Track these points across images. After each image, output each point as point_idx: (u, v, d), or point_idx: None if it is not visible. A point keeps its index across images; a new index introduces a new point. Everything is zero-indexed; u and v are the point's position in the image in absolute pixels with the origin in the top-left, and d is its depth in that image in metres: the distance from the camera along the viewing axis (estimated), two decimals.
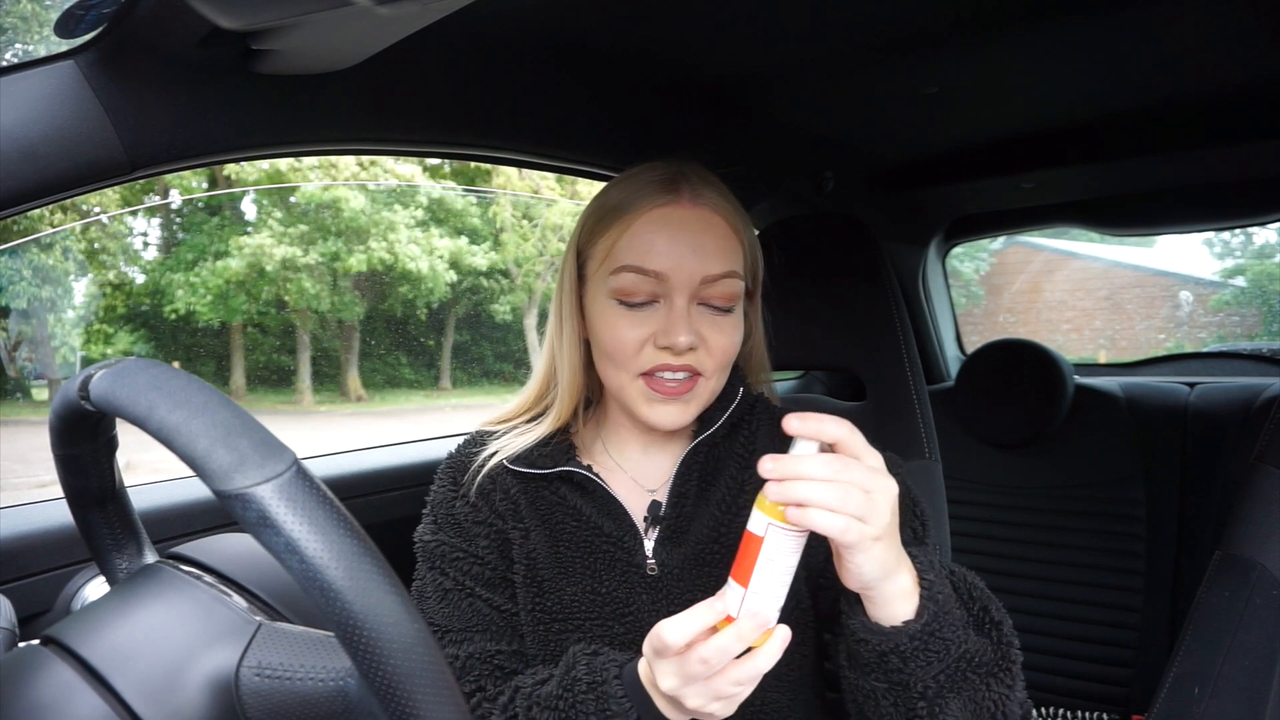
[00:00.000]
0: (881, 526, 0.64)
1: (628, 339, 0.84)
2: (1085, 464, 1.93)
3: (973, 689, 0.71)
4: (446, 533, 0.91)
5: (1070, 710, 1.90)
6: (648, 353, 0.84)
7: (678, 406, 0.86)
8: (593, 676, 0.74)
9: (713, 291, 0.85)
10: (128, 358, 0.49)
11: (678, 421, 0.86)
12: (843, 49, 1.22)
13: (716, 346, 0.85)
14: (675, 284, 0.83)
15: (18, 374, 7.74)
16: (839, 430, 0.65)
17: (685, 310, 0.84)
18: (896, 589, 0.68)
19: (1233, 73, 1.37)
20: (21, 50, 5.81)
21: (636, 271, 0.84)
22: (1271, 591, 0.96)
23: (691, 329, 0.83)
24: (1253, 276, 5.38)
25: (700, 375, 0.85)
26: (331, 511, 0.43)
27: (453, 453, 0.97)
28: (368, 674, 0.42)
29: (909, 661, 0.68)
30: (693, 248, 0.84)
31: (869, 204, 2.05)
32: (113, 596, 0.56)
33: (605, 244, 0.87)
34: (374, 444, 1.54)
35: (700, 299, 0.85)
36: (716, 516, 0.88)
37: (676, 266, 0.83)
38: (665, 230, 0.84)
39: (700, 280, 0.84)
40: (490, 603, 0.88)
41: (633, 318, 0.85)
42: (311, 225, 9.63)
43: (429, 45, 0.83)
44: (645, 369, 0.85)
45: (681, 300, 0.84)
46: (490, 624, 0.88)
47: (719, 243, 0.85)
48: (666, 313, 0.84)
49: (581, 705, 0.73)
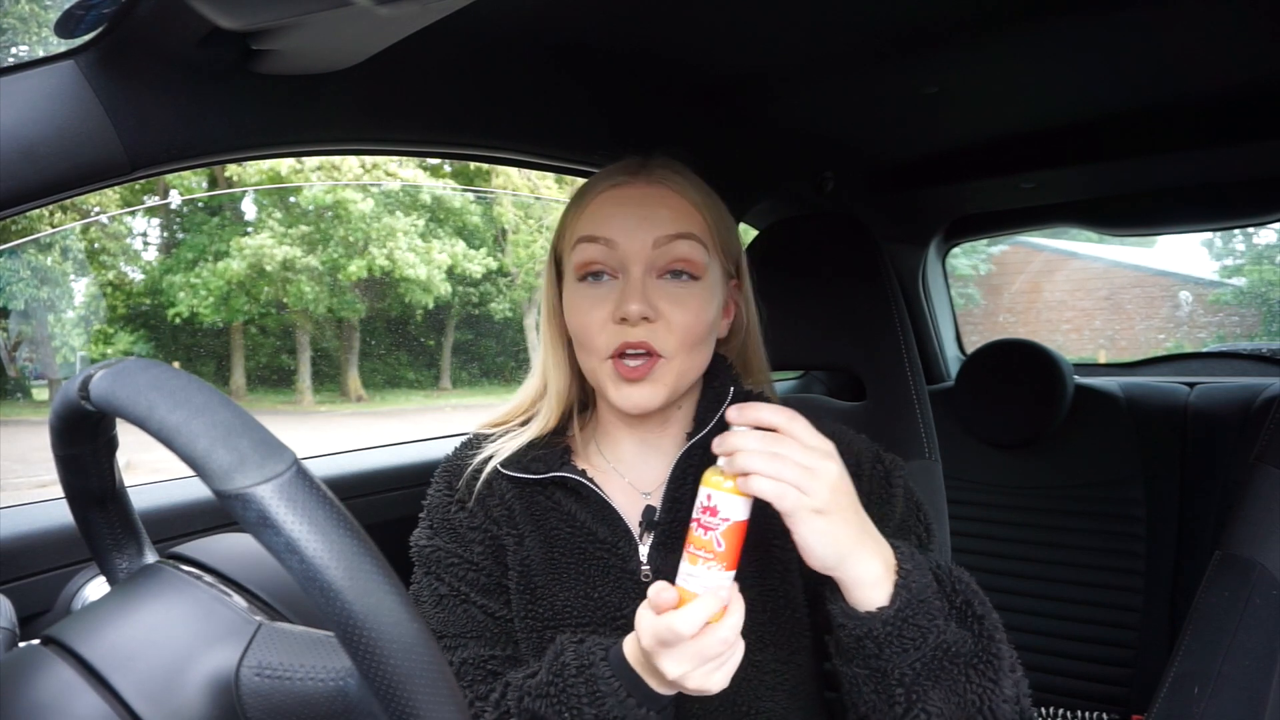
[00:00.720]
0: (821, 500, 0.69)
1: (590, 318, 0.85)
2: (1085, 464, 1.93)
3: (952, 680, 0.72)
4: (442, 538, 0.91)
5: (1070, 710, 1.90)
6: (610, 331, 0.84)
7: (644, 388, 0.85)
8: (580, 661, 0.75)
9: (668, 255, 0.84)
10: (128, 358, 0.49)
11: (645, 403, 0.85)
12: (843, 49, 1.22)
13: (676, 320, 0.84)
14: (628, 252, 0.84)
15: (18, 374, 7.74)
16: (776, 417, 0.72)
17: (639, 280, 0.84)
18: (865, 574, 0.71)
19: (1233, 73, 1.37)
20: (22, 50, 5.81)
21: (589, 240, 0.85)
22: (1271, 591, 0.96)
23: (644, 298, 0.83)
24: (1252, 277, 5.38)
25: (660, 356, 0.84)
26: (331, 511, 0.43)
27: (449, 456, 0.97)
28: (368, 674, 0.42)
29: (884, 647, 0.71)
30: (642, 216, 0.85)
31: (869, 204, 2.05)
32: (113, 596, 0.56)
33: (571, 231, 0.89)
34: (374, 444, 1.54)
35: (659, 269, 0.85)
36: None
37: (628, 235, 0.84)
38: (617, 202, 0.86)
39: (652, 245, 0.84)
40: (485, 609, 0.89)
41: (593, 296, 0.85)
42: (312, 226, 9.63)
43: (429, 45, 0.83)
44: (611, 350, 0.84)
45: (637, 270, 0.84)
46: (485, 630, 0.88)
47: (671, 212, 0.86)
48: (623, 285, 0.85)
49: (572, 689, 0.74)
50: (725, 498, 0.71)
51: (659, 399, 0.86)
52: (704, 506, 0.71)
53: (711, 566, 0.70)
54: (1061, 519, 1.94)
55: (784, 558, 0.87)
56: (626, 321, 0.83)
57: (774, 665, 0.85)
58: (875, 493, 0.88)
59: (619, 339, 0.84)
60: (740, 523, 0.71)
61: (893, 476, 0.90)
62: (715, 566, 0.70)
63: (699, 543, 0.71)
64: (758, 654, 0.84)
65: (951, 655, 0.72)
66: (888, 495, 0.88)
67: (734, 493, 0.70)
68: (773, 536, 0.87)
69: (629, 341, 0.83)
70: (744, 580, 0.86)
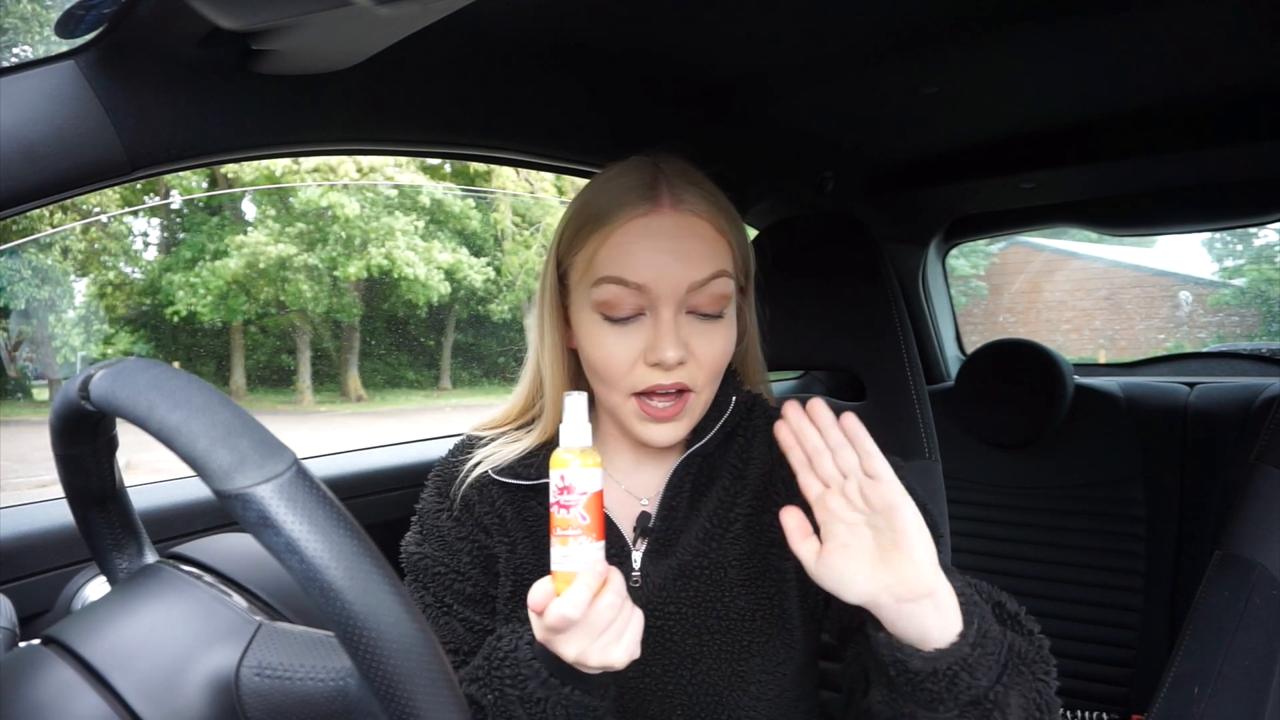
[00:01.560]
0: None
1: (616, 357, 0.81)
2: (1085, 464, 1.93)
3: (1024, 683, 0.69)
4: (430, 545, 0.90)
5: (1070, 710, 1.90)
6: (639, 372, 0.81)
7: (673, 426, 0.83)
8: (509, 645, 0.75)
9: (701, 297, 0.81)
10: (128, 358, 0.49)
11: (672, 438, 0.84)
12: (843, 49, 1.22)
13: (706, 357, 0.82)
14: (659, 295, 0.79)
15: (18, 374, 7.74)
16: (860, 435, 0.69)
17: (672, 323, 0.80)
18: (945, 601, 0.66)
19: (1233, 73, 1.36)
20: (22, 50, 5.81)
21: (617, 283, 0.79)
22: (1271, 591, 0.95)
23: (680, 343, 0.79)
24: (1252, 277, 5.38)
25: (691, 392, 0.82)
26: (331, 511, 0.43)
27: (442, 459, 0.95)
28: (368, 674, 0.42)
29: (974, 671, 0.65)
30: (675, 256, 0.79)
31: (869, 204, 2.05)
32: (113, 596, 0.56)
33: (585, 255, 0.83)
34: (374, 444, 1.54)
35: (689, 307, 0.81)
36: (706, 529, 0.87)
37: (659, 277, 0.79)
38: (645, 239, 0.80)
39: (686, 289, 0.80)
40: (466, 621, 0.88)
41: (619, 334, 0.81)
42: (311, 225, 9.63)
43: (429, 45, 0.83)
44: (638, 389, 0.81)
45: (668, 312, 0.80)
46: (463, 644, 0.88)
47: (704, 246, 0.81)
48: (654, 326, 0.80)
49: (498, 672, 0.74)
50: (578, 473, 0.70)
51: (684, 432, 0.85)
52: (559, 488, 0.70)
53: (582, 541, 0.70)
54: (1061, 519, 1.94)
55: (780, 566, 0.86)
56: (660, 366, 0.80)
57: (759, 675, 0.84)
58: None
59: (650, 381, 0.81)
60: (598, 492, 0.71)
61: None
62: (585, 540, 0.70)
63: (565, 522, 0.70)
64: (742, 663, 0.83)
65: (1022, 658, 0.70)
66: None
67: (585, 465, 0.70)
68: (769, 545, 0.86)
69: (663, 385, 0.80)
70: (734, 589, 0.85)
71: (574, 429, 0.72)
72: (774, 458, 0.88)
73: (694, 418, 0.85)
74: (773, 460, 0.89)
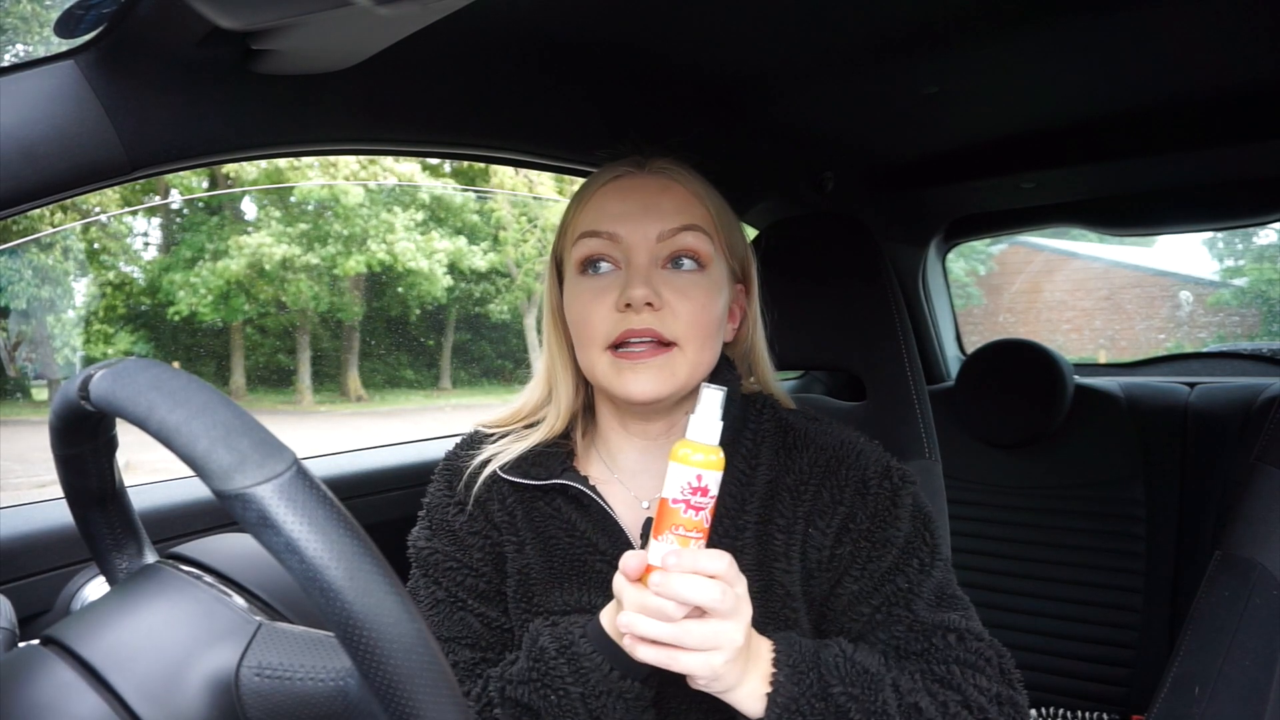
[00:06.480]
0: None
1: (591, 309, 0.83)
2: (1085, 464, 1.93)
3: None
4: (441, 540, 0.90)
5: (1070, 710, 1.90)
6: (612, 319, 0.82)
7: (650, 374, 0.81)
8: (559, 642, 0.75)
9: (673, 245, 0.83)
10: (128, 358, 0.49)
11: (653, 391, 0.81)
12: (843, 49, 1.22)
13: (683, 309, 0.82)
14: (632, 244, 0.83)
15: (18, 374, 7.74)
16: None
17: (644, 270, 0.82)
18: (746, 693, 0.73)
19: (1233, 73, 1.37)
20: (22, 50, 5.81)
21: (591, 235, 0.84)
22: (1271, 591, 0.95)
23: (649, 285, 0.81)
24: (1252, 277, 5.38)
25: (673, 344, 0.81)
26: (331, 511, 0.43)
27: (449, 453, 0.96)
28: (368, 674, 0.42)
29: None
30: (645, 207, 0.83)
31: (869, 204, 2.05)
32: (113, 596, 0.56)
33: (571, 228, 0.88)
34: (374, 444, 1.54)
35: (663, 260, 0.84)
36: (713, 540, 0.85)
37: (631, 227, 0.83)
38: (617, 194, 0.85)
39: (656, 237, 0.83)
40: (481, 616, 0.88)
41: (595, 287, 0.84)
42: (311, 223, 9.63)
43: (429, 45, 0.83)
44: (612, 338, 0.81)
45: (641, 259, 0.83)
46: (479, 638, 0.88)
47: (675, 202, 0.85)
48: (627, 273, 0.83)
49: (554, 670, 0.74)
50: (714, 475, 0.68)
51: (667, 388, 0.82)
52: (694, 487, 0.68)
53: (701, 545, 0.69)
54: (1061, 519, 1.94)
55: (785, 580, 0.85)
56: (630, 308, 0.81)
57: None
58: (879, 513, 0.85)
59: (621, 326, 0.81)
60: (717, 495, 0.70)
61: (900, 495, 0.86)
62: (701, 544, 0.69)
63: (692, 525, 0.68)
64: None
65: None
66: (892, 516, 0.85)
67: (717, 467, 0.69)
68: (773, 559, 0.85)
69: (633, 329, 0.81)
70: None
71: (707, 422, 0.69)
72: (781, 465, 0.88)
73: (678, 379, 0.83)
74: (779, 468, 0.88)
